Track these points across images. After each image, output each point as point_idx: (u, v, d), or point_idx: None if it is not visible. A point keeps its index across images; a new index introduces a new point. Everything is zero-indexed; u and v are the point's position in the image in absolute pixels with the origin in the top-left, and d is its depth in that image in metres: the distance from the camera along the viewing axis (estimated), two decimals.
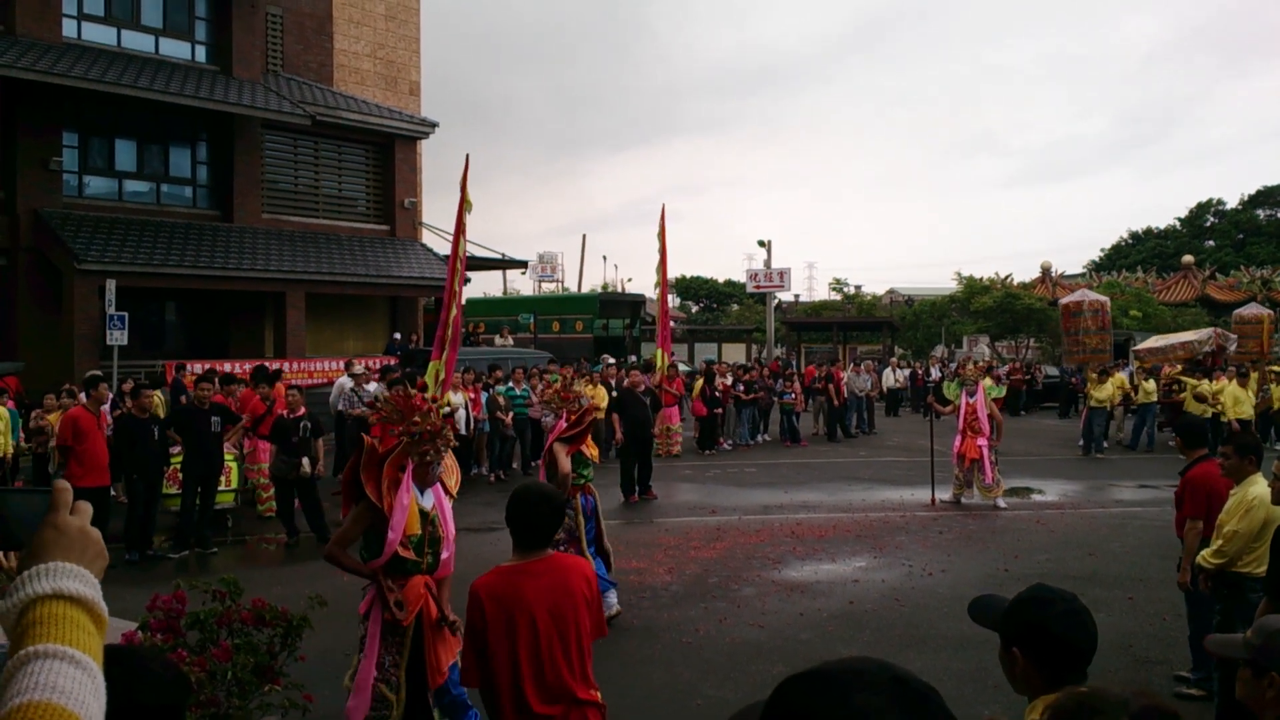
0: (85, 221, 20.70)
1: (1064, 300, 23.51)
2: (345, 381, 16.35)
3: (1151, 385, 20.71)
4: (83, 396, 11.76)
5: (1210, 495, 6.42)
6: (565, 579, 3.66)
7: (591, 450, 8.67)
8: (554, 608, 3.58)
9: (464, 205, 15.58)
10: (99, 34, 22.14)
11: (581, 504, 8.21)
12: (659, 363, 19.65)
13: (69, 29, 21.61)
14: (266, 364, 17.64)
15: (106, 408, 11.94)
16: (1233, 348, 22.49)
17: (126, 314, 18.10)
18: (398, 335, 24.96)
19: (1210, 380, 19.59)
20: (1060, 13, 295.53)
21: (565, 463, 8.07)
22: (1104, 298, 23.00)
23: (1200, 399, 19.04)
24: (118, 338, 17.85)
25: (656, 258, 20.86)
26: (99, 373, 13.87)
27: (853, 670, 1.12)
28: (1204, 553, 6.04)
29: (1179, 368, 21.71)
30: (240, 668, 4.42)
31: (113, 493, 11.45)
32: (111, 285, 18.30)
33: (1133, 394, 20.83)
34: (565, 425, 8.35)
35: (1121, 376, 21.42)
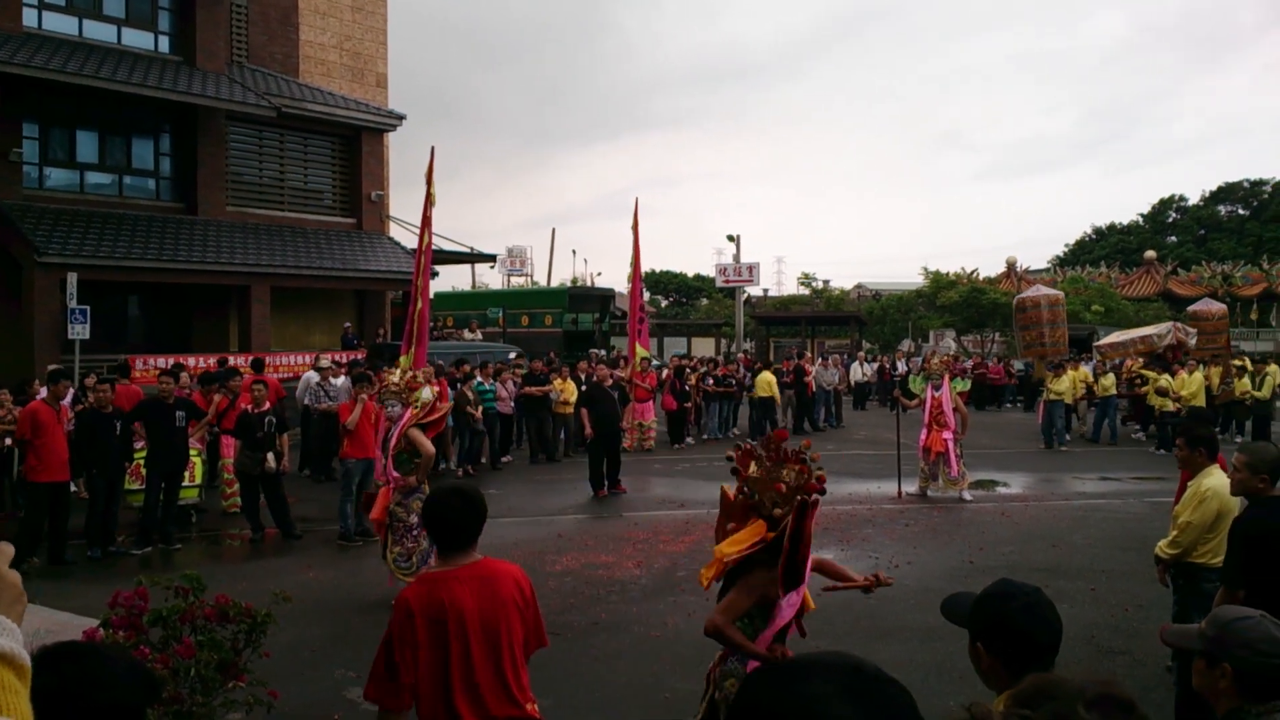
0: (46, 214, 20.38)
1: (1018, 297, 23.70)
2: (311, 376, 16.24)
3: (1111, 380, 20.99)
4: (43, 391, 11.61)
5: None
6: (495, 585, 3.47)
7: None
8: (484, 615, 3.39)
9: (429, 199, 15.54)
10: (60, 24, 21.79)
11: (406, 498, 8.73)
12: (638, 358, 19.61)
13: (29, 18, 21.25)
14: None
15: (67, 402, 11.74)
16: (1192, 342, 22.81)
17: (88, 307, 17.84)
18: (348, 325, 24.78)
19: (1171, 374, 19.86)
20: (1029, 9, 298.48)
21: (429, 444, 8.74)
22: (1059, 293, 23.22)
23: (1162, 393, 19.31)
24: (79, 331, 17.59)
25: (630, 252, 20.91)
26: (59, 367, 13.69)
27: (814, 661, 1.15)
28: (1160, 544, 6.12)
29: (1140, 362, 22.01)
30: (204, 664, 4.39)
31: (74, 488, 11.30)
32: (73, 278, 18.03)
33: (1094, 387, 21.11)
34: (411, 416, 8.93)
35: (1085, 370, 21.66)
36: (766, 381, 21.16)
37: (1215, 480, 5.80)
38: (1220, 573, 5.86)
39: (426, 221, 15.60)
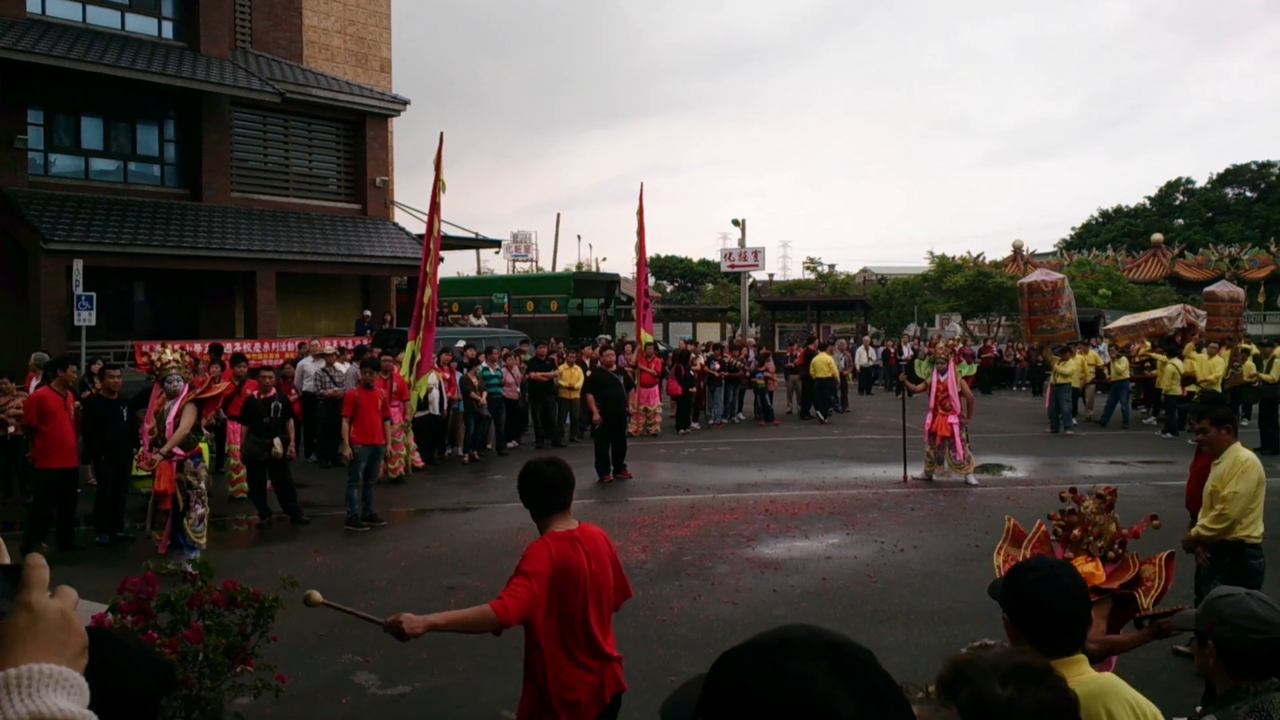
0: (52, 200, 20.40)
1: (1023, 280, 23.59)
2: (306, 363, 16.22)
3: (1124, 364, 20.91)
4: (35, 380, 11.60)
5: None
6: (597, 544, 3.90)
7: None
8: (595, 574, 3.83)
9: (438, 185, 15.50)
10: (64, 10, 21.77)
11: (194, 464, 9.37)
12: (642, 343, 19.66)
13: (33, 5, 21.22)
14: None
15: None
16: (1202, 324, 22.70)
17: (94, 294, 17.89)
18: (367, 313, 24.81)
19: (1181, 358, 19.77)
20: None
21: (189, 422, 9.19)
22: (1062, 276, 23.10)
23: (1189, 379, 19.12)
24: (85, 318, 17.64)
25: (635, 238, 20.91)
26: (45, 355, 13.73)
27: (786, 639, 1.13)
28: (1203, 521, 6.09)
29: (1148, 345, 21.92)
30: (211, 649, 4.40)
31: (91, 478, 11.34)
32: (79, 265, 18.07)
33: (1106, 372, 21.05)
34: (190, 391, 9.39)
35: (1094, 354, 21.60)
36: (825, 362, 22.07)
37: (1248, 452, 5.92)
38: (1261, 547, 5.92)
39: (435, 207, 15.58)
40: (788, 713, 1.05)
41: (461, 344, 17.66)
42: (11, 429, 12.29)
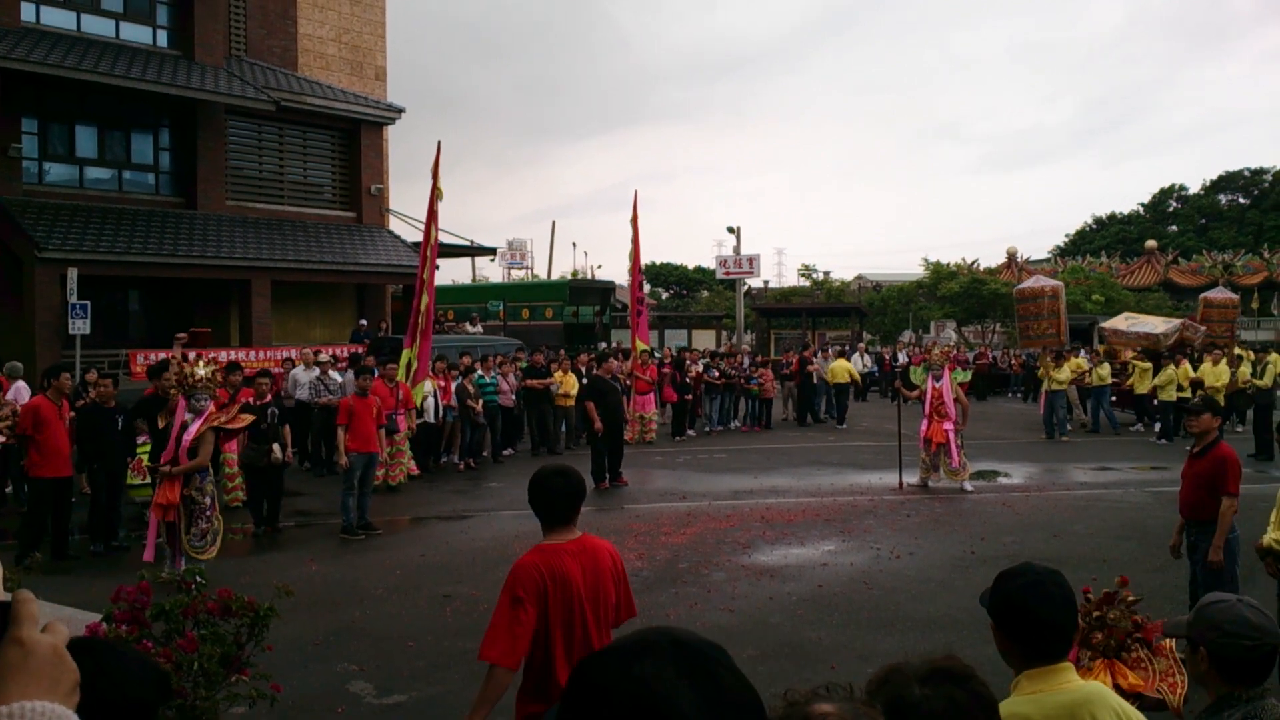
0: (46, 209, 20.36)
1: (1019, 286, 23.64)
2: (298, 373, 16.20)
3: (1106, 370, 20.95)
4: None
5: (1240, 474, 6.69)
6: (596, 558, 3.85)
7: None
8: (589, 586, 3.76)
9: (435, 193, 15.54)
10: (58, 18, 21.74)
11: (201, 479, 9.28)
12: (637, 351, 19.67)
13: (27, 13, 21.19)
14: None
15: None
16: (1199, 338, 22.68)
17: (89, 303, 17.84)
18: (364, 322, 24.79)
19: (1174, 366, 19.79)
20: None
21: (208, 451, 9.07)
22: (1058, 283, 23.16)
23: (1197, 384, 19.08)
24: (80, 327, 17.60)
25: (630, 246, 20.93)
26: (18, 364, 13.73)
27: (636, 642, 1.17)
28: (1275, 536, 6.10)
29: (1132, 352, 21.94)
30: (207, 659, 4.39)
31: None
32: (73, 274, 18.02)
33: (1087, 376, 21.08)
34: (210, 416, 9.17)
35: (1079, 360, 21.64)
36: (844, 368, 23.12)
37: None
38: None
39: (433, 215, 15.59)
40: (633, 713, 1.09)
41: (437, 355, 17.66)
42: (2, 438, 12.27)
